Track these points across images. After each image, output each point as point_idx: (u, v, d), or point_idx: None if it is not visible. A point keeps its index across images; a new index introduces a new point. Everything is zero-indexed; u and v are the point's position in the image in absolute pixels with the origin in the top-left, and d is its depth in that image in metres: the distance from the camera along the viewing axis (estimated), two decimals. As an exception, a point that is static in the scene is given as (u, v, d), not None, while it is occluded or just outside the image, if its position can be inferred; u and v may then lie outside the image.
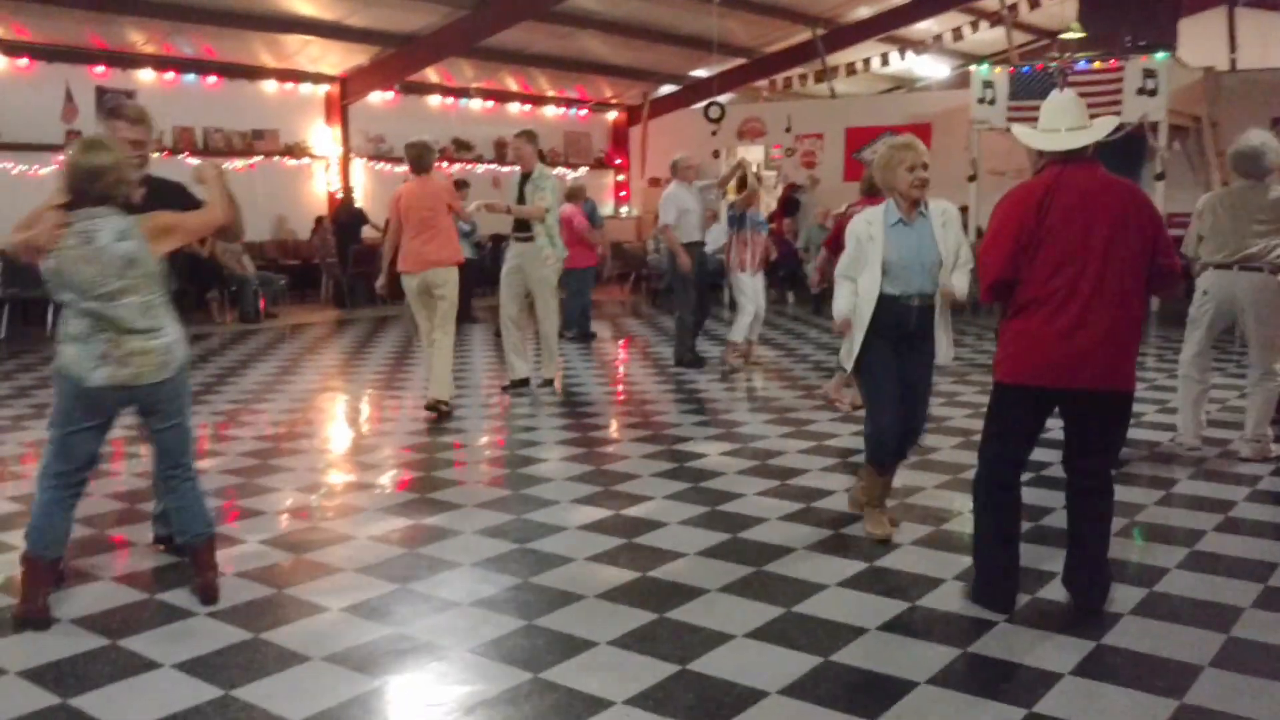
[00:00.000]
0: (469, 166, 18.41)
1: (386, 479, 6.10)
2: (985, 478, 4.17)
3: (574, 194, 12.45)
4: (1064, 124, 4.04)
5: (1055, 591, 4.25)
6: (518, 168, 8.63)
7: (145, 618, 4.04)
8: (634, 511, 5.37)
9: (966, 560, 4.54)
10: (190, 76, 14.96)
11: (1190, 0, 18.37)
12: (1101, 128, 4.08)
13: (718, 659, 3.67)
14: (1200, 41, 16.57)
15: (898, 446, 4.92)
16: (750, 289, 9.62)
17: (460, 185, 12.30)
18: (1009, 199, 4.06)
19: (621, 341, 12.08)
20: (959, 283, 4.75)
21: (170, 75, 14.75)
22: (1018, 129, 4.36)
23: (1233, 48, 16.37)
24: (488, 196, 17.06)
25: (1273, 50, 17.32)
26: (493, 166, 18.70)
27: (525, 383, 8.72)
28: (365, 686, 3.49)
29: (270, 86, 15.93)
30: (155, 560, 4.66)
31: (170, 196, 4.40)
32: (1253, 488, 5.77)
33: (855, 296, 4.81)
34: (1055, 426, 4.28)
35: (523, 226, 8.50)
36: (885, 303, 4.71)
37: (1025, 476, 5.04)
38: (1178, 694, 3.40)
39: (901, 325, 4.76)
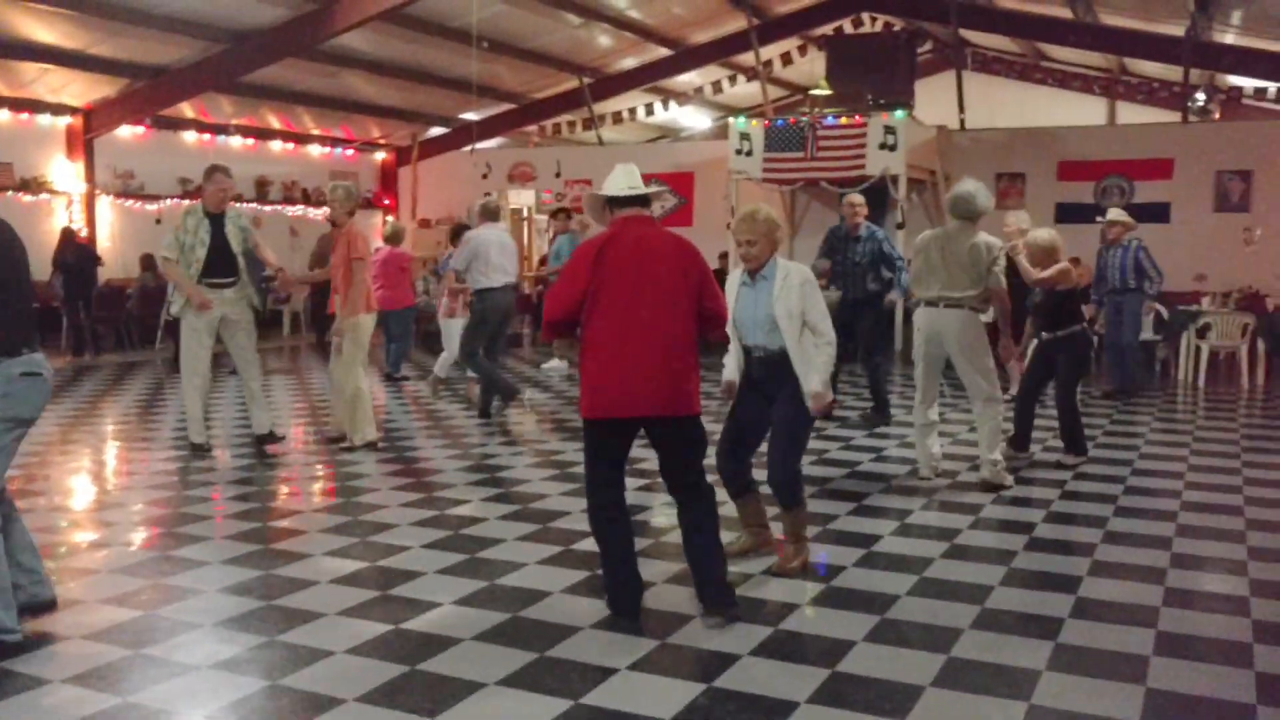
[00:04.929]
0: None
1: (126, 536, 5.76)
2: (592, 507, 4.57)
3: (394, 237, 12.24)
4: (626, 185, 4.61)
5: (798, 623, 4.47)
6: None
7: None
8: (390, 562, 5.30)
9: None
10: (-91, 104, 13.79)
11: (924, 63, 19.96)
12: (650, 187, 4.66)
13: (469, 708, 3.66)
14: (934, 102, 17.95)
15: (729, 475, 5.24)
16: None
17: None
18: (577, 250, 4.55)
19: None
20: (815, 380, 4.93)
21: (-114, 101, 13.55)
22: (588, 193, 4.87)
23: (961, 108, 17.75)
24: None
25: (997, 111, 18.95)
26: (253, 205, 18.03)
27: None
28: (89, 763, 3.29)
29: (3, 116, 14.86)
30: None
31: None
32: (976, 515, 6.25)
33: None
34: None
35: (228, 271, 7.81)
36: (745, 352, 5.16)
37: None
38: (901, 714, 3.64)
39: (751, 373, 5.16)
